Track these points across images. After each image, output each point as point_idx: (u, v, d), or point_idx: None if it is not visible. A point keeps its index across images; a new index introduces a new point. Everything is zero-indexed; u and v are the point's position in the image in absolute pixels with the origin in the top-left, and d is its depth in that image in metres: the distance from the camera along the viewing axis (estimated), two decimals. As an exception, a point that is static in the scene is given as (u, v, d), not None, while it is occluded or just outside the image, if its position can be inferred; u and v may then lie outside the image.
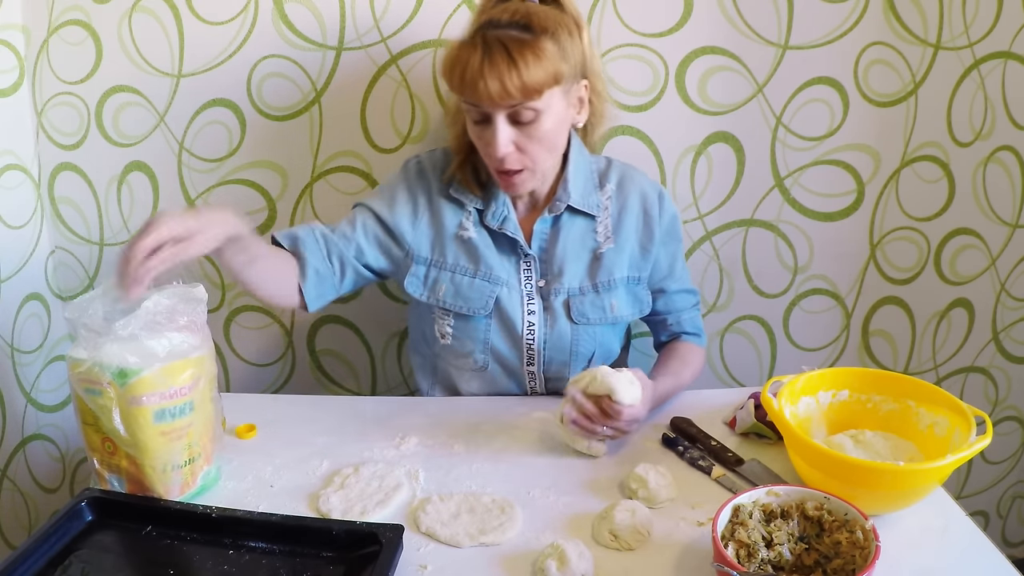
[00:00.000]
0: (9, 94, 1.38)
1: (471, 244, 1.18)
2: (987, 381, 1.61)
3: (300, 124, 1.41)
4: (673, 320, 1.28)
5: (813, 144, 1.43)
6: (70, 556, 0.85)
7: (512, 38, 1.01)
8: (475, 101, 1.04)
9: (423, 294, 1.20)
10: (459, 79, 1.02)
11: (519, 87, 1.01)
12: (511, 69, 1.00)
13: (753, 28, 1.35)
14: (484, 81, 1.00)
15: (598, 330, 1.20)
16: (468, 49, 1.02)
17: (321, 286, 1.16)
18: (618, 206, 1.21)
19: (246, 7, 1.34)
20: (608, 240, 1.20)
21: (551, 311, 1.19)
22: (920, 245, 1.51)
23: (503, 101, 1.02)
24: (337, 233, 1.18)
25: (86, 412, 0.91)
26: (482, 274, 1.18)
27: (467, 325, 1.19)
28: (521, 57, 1.00)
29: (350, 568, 0.83)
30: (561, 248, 1.19)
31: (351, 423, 1.15)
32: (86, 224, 1.49)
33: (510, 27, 1.03)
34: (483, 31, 1.04)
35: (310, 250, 1.15)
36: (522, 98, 1.02)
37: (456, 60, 1.02)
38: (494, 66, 1.00)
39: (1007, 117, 1.42)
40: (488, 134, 1.06)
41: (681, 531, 0.90)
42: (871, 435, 0.99)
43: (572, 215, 1.20)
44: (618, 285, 1.20)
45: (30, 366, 1.47)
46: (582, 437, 1.05)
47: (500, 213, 1.18)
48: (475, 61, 1.00)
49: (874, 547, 0.75)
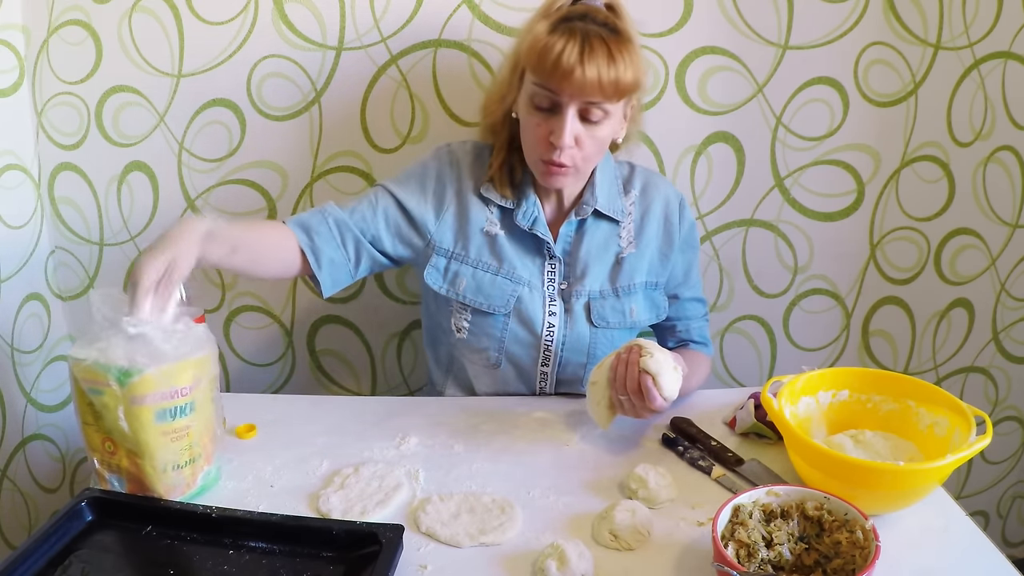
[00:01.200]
0: (9, 94, 1.38)
1: (497, 241, 1.18)
2: (987, 381, 1.61)
3: (300, 124, 1.41)
4: (683, 328, 1.30)
5: (813, 144, 1.43)
6: (70, 556, 0.85)
7: (609, 36, 1.03)
8: (560, 89, 1.04)
9: (443, 287, 1.19)
10: (554, 65, 1.02)
11: (612, 82, 1.02)
12: (610, 64, 1.02)
13: (753, 28, 1.35)
14: (582, 69, 1.01)
15: (616, 334, 1.21)
16: (565, 37, 1.02)
17: (336, 273, 1.15)
18: (641, 212, 1.22)
19: (246, 7, 1.34)
20: (631, 245, 1.21)
21: (571, 313, 1.19)
22: (920, 245, 1.51)
23: (591, 94, 1.03)
24: (355, 217, 1.16)
25: (86, 412, 0.91)
26: (505, 272, 1.18)
27: (485, 321, 1.18)
28: (620, 55, 1.02)
29: (350, 568, 0.83)
30: (585, 251, 1.20)
31: (351, 423, 1.15)
32: (86, 224, 1.49)
33: (602, 26, 1.04)
34: (572, 22, 1.04)
35: (323, 239, 1.13)
36: (610, 95, 1.04)
37: (551, 46, 1.02)
38: (594, 57, 1.01)
39: (1007, 117, 1.42)
40: (554, 123, 1.07)
41: (681, 531, 0.90)
42: (871, 435, 0.99)
43: (597, 219, 1.20)
44: (638, 290, 1.21)
45: (30, 366, 1.47)
46: (609, 409, 1.06)
47: (531, 214, 1.18)
48: (573, 49, 1.01)
49: (874, 547, 0.75)
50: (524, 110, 1.10)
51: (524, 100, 1.09)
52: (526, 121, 1.10)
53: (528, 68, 1.07)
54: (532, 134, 1.10)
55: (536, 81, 1.06)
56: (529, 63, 1.06)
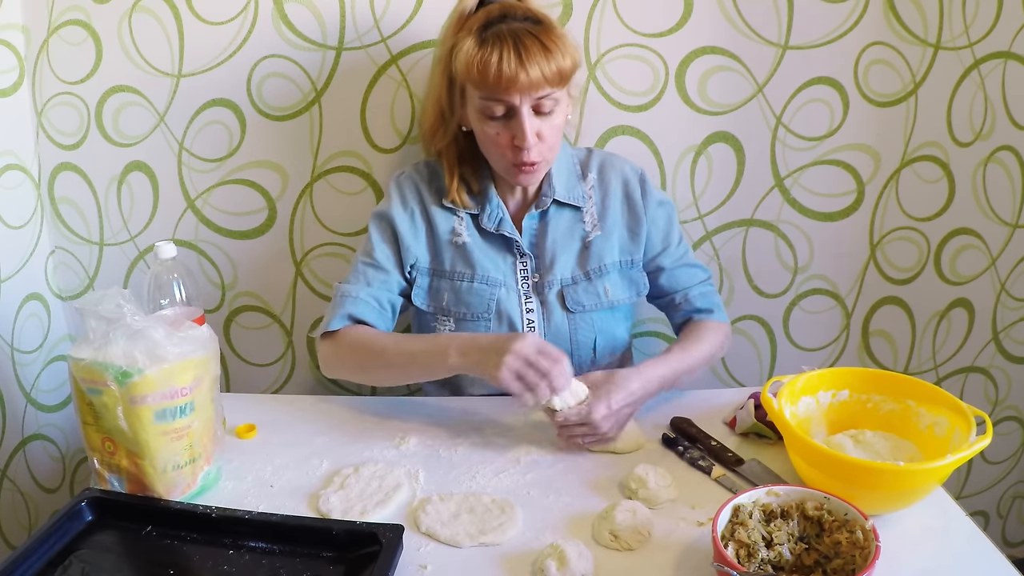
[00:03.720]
0: (9, 94, 1.38)
1: (465, 249, 1.20)
2: (987, 381, 1.61)
3: (300, 124, 1.41)
4: (681, 298, 1.26)
5: (813, 144, 1.43)
6: (70, 556, 0.85)
7: (535, 29, 1.04)
8: (509, 95, 1.05)
9: (427, 303, 1.21)
10: (496, 76, 1.03)
11: (555, 74, 1.04)
12: (548, 57, 1.03)
13: (753, 28, 1.35)
14: (526, 72, 1.02)
15: (595, 316, 1.21)
16: (497, 46, 1.03)
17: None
18: (601, 194, 1.23)
19: (246, 7, 1.34)
20: (596, 228, 1.21)
21: (546, 305, 1.20)
22: (920, 245, 1.51)
23: (538, 90, 1.05)
24: (376, 283, 1.20)
25: (86, 412, 0.92)
26: (479, 278, 1.19)
27: (467, 328, 1.19)
28: (553, 45, 1.04)
29: (350, 568, 0.83)
30: (551, 241, 1.20)
31: (351, 423, 1.15)
32: (86, 224, 1.49)
33: (524, 21, 1.06)
34: (494, 27, 1.05)
35: (376, 320, 1.19)
36: (556, 85, 1.06)
37: (487, 60, 1.03)
38: (532, 56, 1.03)
39: (1007, 117, 1.42)
40: (513, 127, 1.08)
41: (681, 531, 0.90)
42: (871, 435, 0.99)
43: (559, 208, 1.21)
44: (610, 270, 1.21)
45: (30, 366, 1.47)
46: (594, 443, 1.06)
47: (495, 215, 1.19)
48: (510, 55, 1.02)
49: (874, 547, 0.75)
50: (478, 122, 1.11)
51: (474, 114, 1.10)
52: (483, 132, 1.11)
53: (470, 85, 1.07)
54: (494, 143, 1.11)
55: (483, 95, 1.07)
56: (471, 80, 1.06)
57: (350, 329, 1.17)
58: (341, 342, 1.16)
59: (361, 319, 1.18)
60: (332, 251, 1.49)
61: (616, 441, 1.06)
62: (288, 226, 1.47)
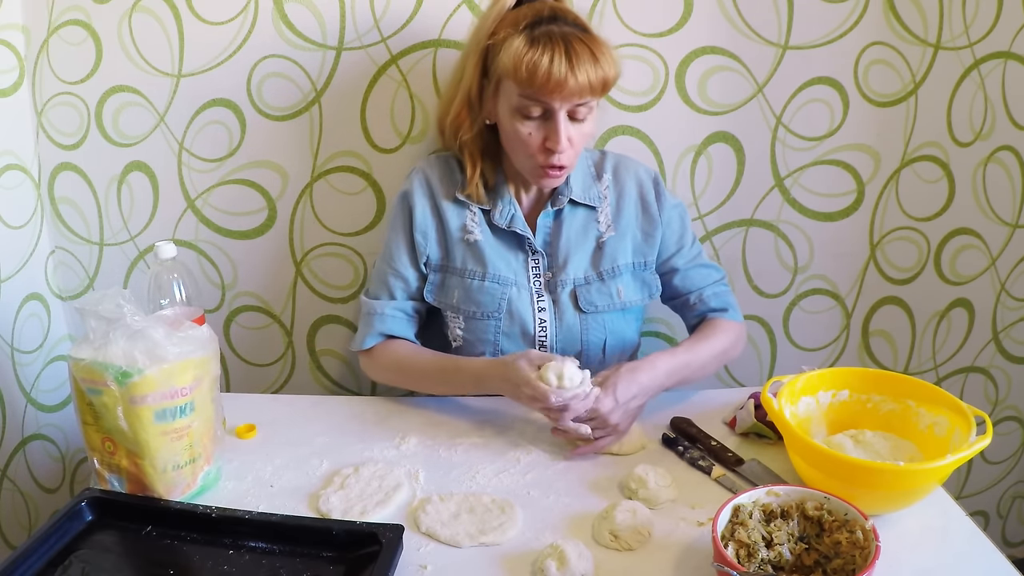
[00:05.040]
0: (9, 94, 1.38)
1: (477, 247, 1.20)
2: (987, 381, 1.61)
3: (300, 124, 1.41)
4: (695, 298, 1.25)
5: (813, 144, 1.43)
6: (70, 556, 0.85)
7: (584, 36, 1.05)
8: (551, 98, 1.05)
9: (436, 300, 1.22)
10: (545, 78, 1.03)
11: (601, 81, 1.05)
12: (596, 65, 1.04)
13: (753, 28, 1.35)
14: (575, 76, 1.03)
15: (607, 317, 1.21)
16: (549, 48, 1.03)
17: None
18: (616, 195, 1.23)
19: (246, 7, 1.34)
20: (610, 228, 1.21)
21: (559, 304, 1.20)
22: (920, 245, 1.51)
23: (581, 96, 1.06)
24: (399, 292, 1.23)
25: (86, 412, 0.92)
26: (491, 276, 1.19)
27: (477, 326, 1.19)
28: (601, 53, 1.05)
29: (350, 568, 0.83)
30: (565, 240, 1.20)
31: (351, 423, 1.15)
32: (86, 224, 1.49)
33: (573, 26, 1.06)
34: (545, 27, 1.05)
35: (406, 330, 1.23)
36: (598, 93, 1.07)
37: (538, 61, 1.03)
38: (581, 62, 1.03)
39: (1007, 117, 1.42)
40: (547, 129, 1.09)
41: (681, 531, 0.90)
42: (871, 435, 0.99)
43: (573, 207, 1.22)
44: (623, 271, 1.21)
45: (30, 366, 1.47)
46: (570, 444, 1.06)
47: (508, 212, 1.19)
48: (561, 59, 1.03)
49: (874, 547, 0.75)
50: (510, 120, 1.11)
51: (508, 110, 1.10)
52: (515, 130, 1.11)
53: (513, 82, 1.07)
54: (524, 143, 1.11)
55: (523, 93, 1.07)
56: (516, 78, 1.06)
57: (384, 347, 1.22)
58: (377, 360, 1.24)
59: (392, 334, 1.22)
60: (332, 251, 1.49)
61: (620, 441, 1.06)
62: (288, 226, 1.47)
